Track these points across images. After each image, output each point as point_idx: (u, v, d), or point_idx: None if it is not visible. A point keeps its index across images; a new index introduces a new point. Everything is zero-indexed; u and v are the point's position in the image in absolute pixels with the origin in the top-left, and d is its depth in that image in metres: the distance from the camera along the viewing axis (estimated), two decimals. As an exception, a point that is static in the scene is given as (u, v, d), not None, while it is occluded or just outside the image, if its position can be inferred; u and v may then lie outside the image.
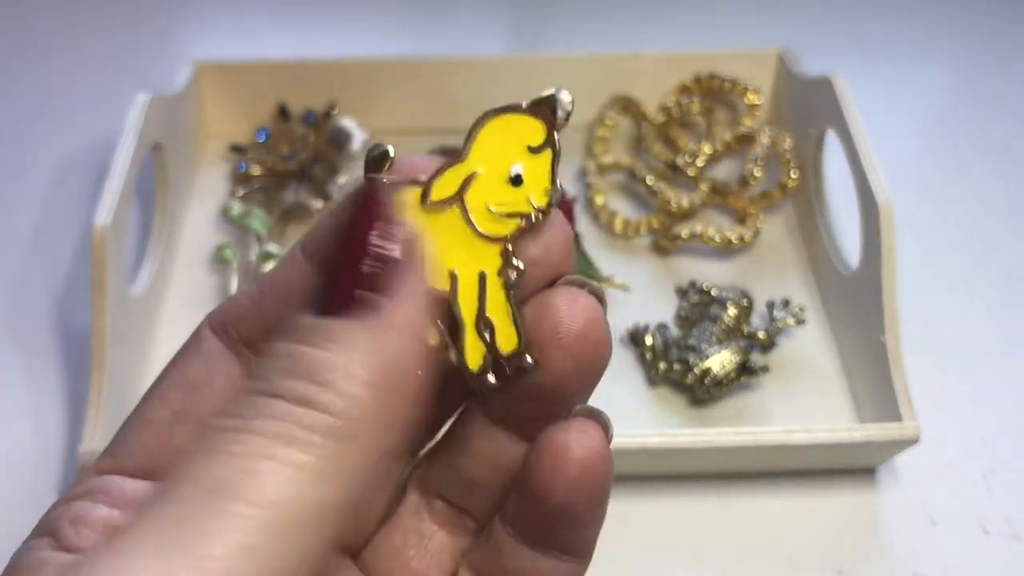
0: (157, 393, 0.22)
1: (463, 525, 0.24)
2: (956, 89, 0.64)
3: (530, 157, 0.20)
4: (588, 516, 0.22)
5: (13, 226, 0.53)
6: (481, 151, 0.21)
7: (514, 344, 0.21)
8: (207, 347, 0.22)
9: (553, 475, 0.21)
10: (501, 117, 0.21)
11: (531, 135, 0.20)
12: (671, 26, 0.67)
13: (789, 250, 0.52)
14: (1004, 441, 0.44)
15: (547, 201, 0.20)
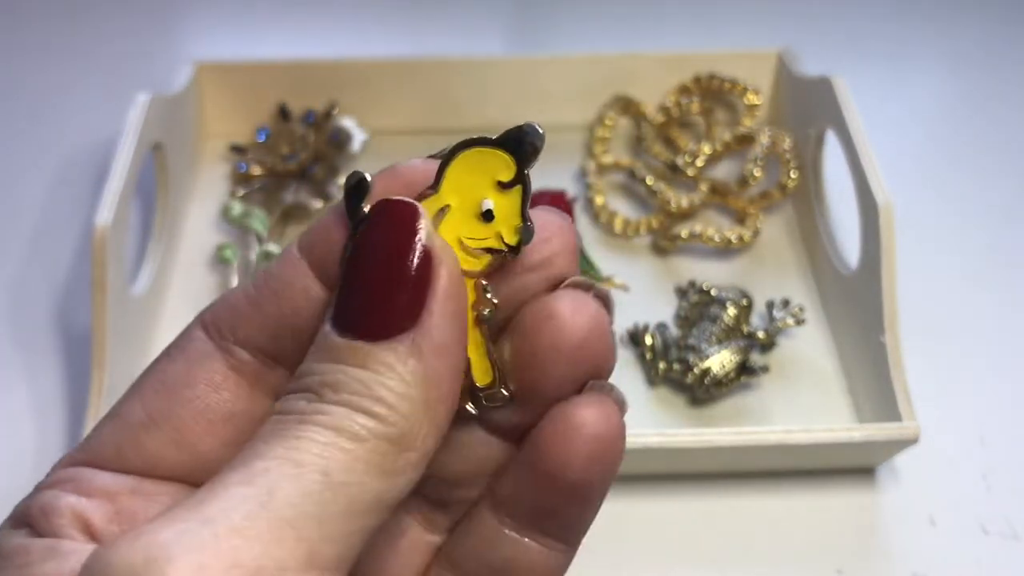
0: (136, 391, 0.22)
1: (436, 521, 0.23)
2: (956, 89, 0.64)
3: (500, 193, 0.20)
4: (597, 495, 0.21)
5: (14, 226, 0.53)
6: (453, 184, 0.20)
7: (488, 378, 0.20)
8: (193, 348, 0.22)
9: (568, 451, 0.20)
10: (471, 151, 0.20)
11: (501, 170, 0.20)
12: (671, 26, 0.67)
13: (789, 250, 0.52)
14: (1004, 441, 0.44)
15: (517, 239, 0.20)
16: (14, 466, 0.43)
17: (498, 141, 0.20)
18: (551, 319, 0.20)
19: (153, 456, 0.21)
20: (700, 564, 0.40)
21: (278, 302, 0.21)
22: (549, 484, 0.21)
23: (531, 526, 0.22)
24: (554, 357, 0.20)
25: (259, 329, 0.22)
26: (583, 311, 0.20)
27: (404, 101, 0.56)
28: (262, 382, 0.22)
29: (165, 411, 0.21)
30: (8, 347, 0.47)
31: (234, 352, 0.22)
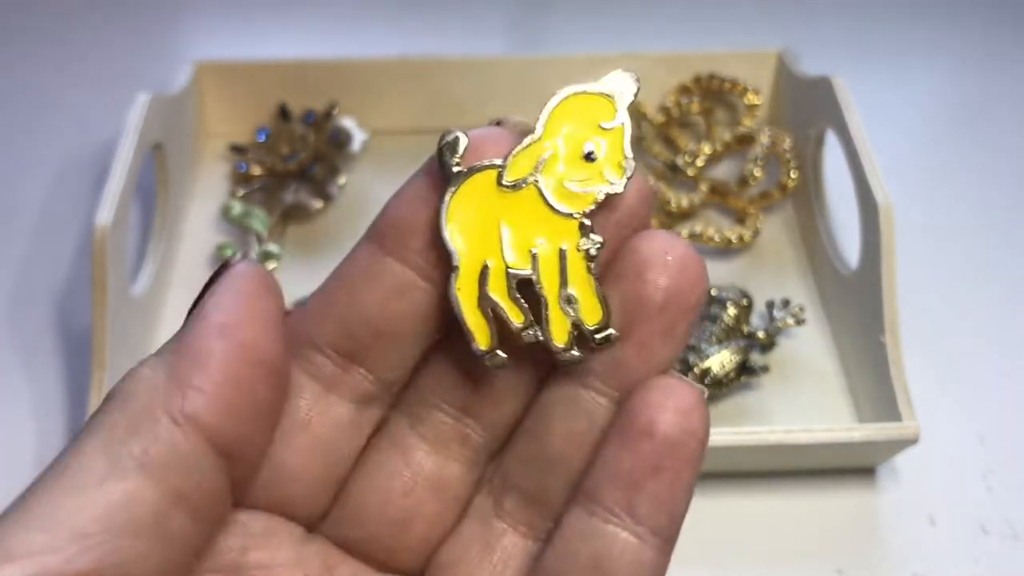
0: None
1: (538, 525, 0.22)
2: (956, 89, 0.64)
3: (602, 133, 0.21)
4: (687, 467, 0.21)
5: (14, 226, 0.53)
6: (554, 130, 0.21)
7: (599, 316, 0.21)
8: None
9: (662, 406, 0.21)
10: (572, 96, 0.21)
11: (602, 112, 0.21)
12: (671, 26, 0.67)
13: (789, 250, 0.52)
14: (1004, 441, 0.44)
15: (622, 173, 0.21)
16: (14, 466, 0.43)
17: (598, 89, 0.21)
18: (652, 240, 0.21)
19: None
20: (700, 564, 0.40)
21: (348, 292, 0.21)
22: (639, 445, 0.21)
23: (622, 507, 0.21)
24: (664, 277, 0.21)
25: (330, 325, 0.21)
26: (676, 240, 0.21)
27: (404, 101, 0.56)
28: (339, 385, 0.22)
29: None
30: (8, 347, 0.47)
31: (309, 357, 0.21)
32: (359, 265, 0.21)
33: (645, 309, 0.21)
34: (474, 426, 0.23)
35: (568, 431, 0.22)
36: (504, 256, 0.21)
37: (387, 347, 0.21)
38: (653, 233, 0.21)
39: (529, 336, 0.21)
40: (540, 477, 0.22)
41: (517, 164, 0.21)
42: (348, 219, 0.52)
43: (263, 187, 0.53)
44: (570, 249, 0.21)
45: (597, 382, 0.22)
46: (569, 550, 0.21)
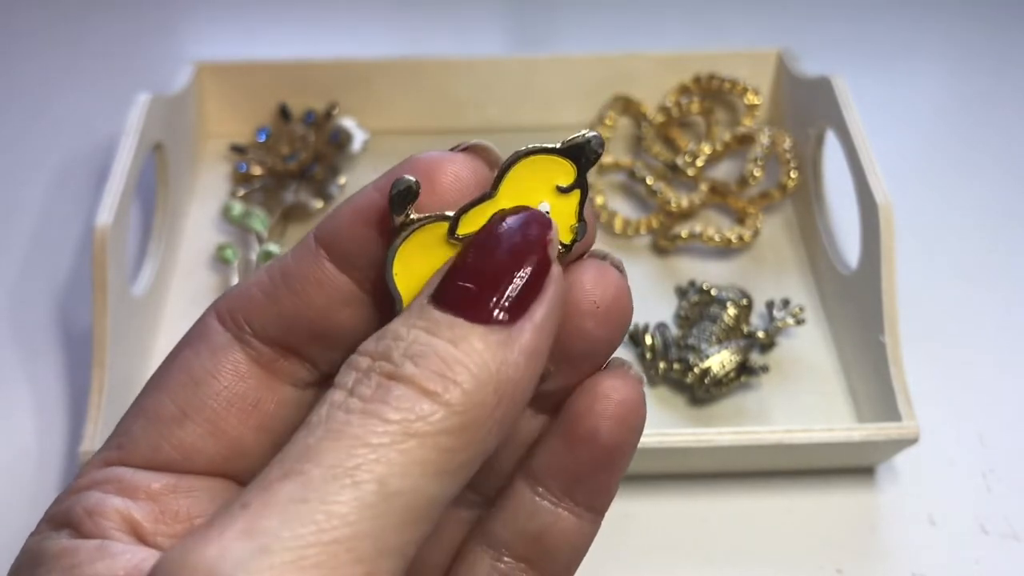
0: (162, 386, 0.22)
1: (465, 499, 0.24)
2: (955, 89, 0.64)
3: (557, 196, 0.21)
4: (623, 459, 0.23)
5: (14, 226, 0.53)
6: (511, 189, 0.21)
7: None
8: (214, 340, 0.22)
9: (598, 416, 0.22)
10: (533, 157, 0.21)
11: (560, 175, 0.21)
12: (671, 26, 0.67)
13: (788, 250, 0.52)
14: (1004, 440, 0.44)
15: (571, 238, 0.21)
16: (15, 466, 0.43)
17: (561, 149, 0.21)
18: (580, 284, 0.21)
19: (190, 449, 0.22)
20: (700, 564, 0.40)
21: (294, 294, 0.22)
22: (581, 449, 0.22)
23: (564, 494, 0.23)
24: (590, 317, 0.21)
25: (274, 321, 0.22)
26: (607, 275, 0.22)
27: (404, 101, 0.57)
28: (279, 371, 0.23)
29: (196, 403, 0.22)
30: (9, 347, 0.47)
31: (252, 344, 0.22)
32: (304, 267, 0.22)
33: (569, 354, 0.22)
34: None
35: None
36: None
37: (327, 348, 0.22)
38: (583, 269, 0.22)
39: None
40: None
41: (469, 220, 0.21)
42: (348, 219, 0.52)
43: (263, 187, 0.53)
44: None
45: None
46: (517, 524, 0.23)
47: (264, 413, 0.22)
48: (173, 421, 0.22)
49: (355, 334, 0.22)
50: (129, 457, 0.22)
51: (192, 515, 0.21)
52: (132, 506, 0.21)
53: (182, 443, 0.22)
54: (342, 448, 0.18)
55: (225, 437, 0.22)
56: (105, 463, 0.22)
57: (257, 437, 0.22)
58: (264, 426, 0.22)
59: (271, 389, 0.22)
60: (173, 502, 0.21)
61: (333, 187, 0.52)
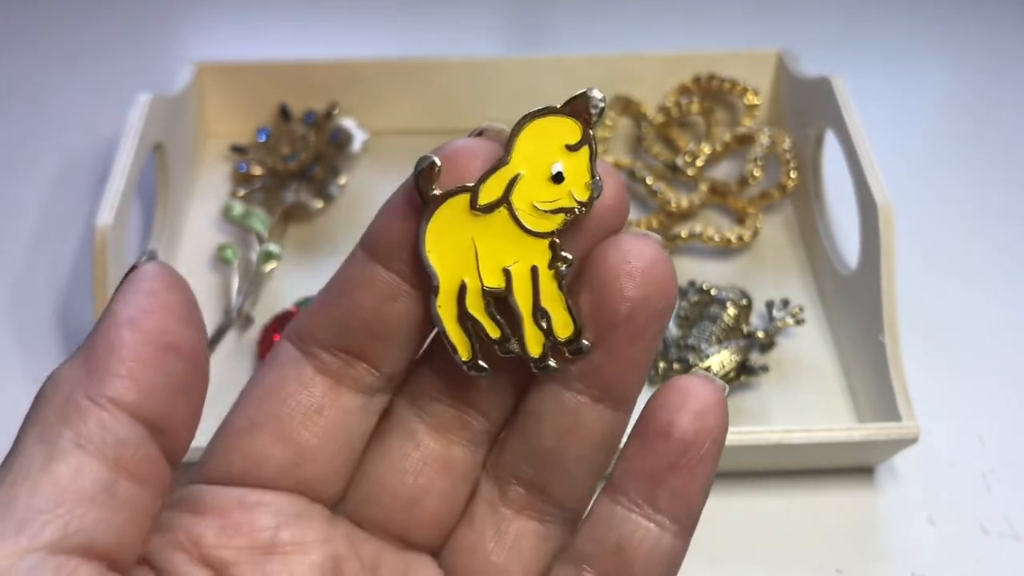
0: (238, 404, 0.24)
1: (542, 509, 0.25)
2: (955, 89, 0.64)
3: (568, 155, 0.22)
4: (704, 464, 0.23)
5: (15, 226, 0.53)
6: (522, 153, 0.22)
7: (570, 330, 0.22)
8: (282, 358, 0.24)
9: (679, 409, 0.22)
10: (538, 120, 0.22)
11: (568, 134, 0.22)
12: (670, 27, 0.67)
13: (788, 250, 0.52)
14: (1003, 440, 0.44)
15: (589, 194, 0.22)
16: (15, 466, 0.43)
17: (563, 108, 0.22)
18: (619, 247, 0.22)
19: (259, 456, 0.23)
20: (700, 564, 0.40)
21: (347, 298, 0.23)
22: (657, 444, 0.22)
23: (644, 499, 0.23)
24: (626, 277, 0.22)
25: (333, 327, 0.23)
26: (646, 242, 0.22)
27: (404, 101, 0.57)
28: (346, 378, 0.24)
29: (264, 414, 0.23)
30: (9, 347, 0.47)
31: (317, 355, 0.24)
32: (353, 272, 0.23)
33: (612, 318, 0.22)
34: (473, 414, 0.25)
35: (556, 427, 0.24)
36: (480, 275, 0.22)
37: (384, 345, 0.23)
38: (620, 239, 0.22)
39: (506, 349, 0.23)
40: (537, 469, 0.24)
41: (488, 188, 0.22)
42: (348, 219, 0.52)
43: (264, 187, 0.53)
44: (541, 268, 0.22)
45: (578, 383, 0.23)
46: (596, 535, 0.23)
47: (329, 419, 0.23)
48: (243, 432, 0.23)
49: (408, 328, 0.23)
50: (207, 472, 0.24)
51: (255, 528, 0.23)
52: (198, 522, 0.22)
53: (251, 451, 0.23)
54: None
55: (292, 444, 0.23)
56: (189, 481, 0.24)
57: (323, 443, 0.23)
58: (330, 432, 0.23)
59: (336, 396, 0.24)
60: (237, 516, 0.23)
61: (333, 187, 0.52)
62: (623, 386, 0.23)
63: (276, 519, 0.23)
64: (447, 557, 0.25)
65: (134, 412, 0.20)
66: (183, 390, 0.21)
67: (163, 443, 0.21)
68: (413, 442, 0.25)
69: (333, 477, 0.24)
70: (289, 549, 0.23)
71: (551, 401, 0.24)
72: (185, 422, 0.21)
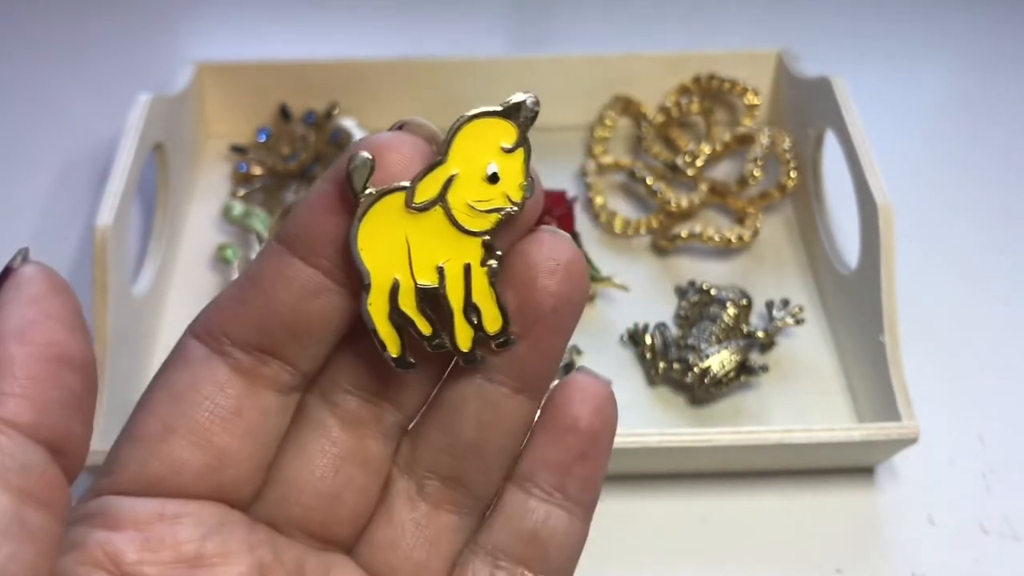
0: (145, 408, 0.23)
1: (459, 502, 0.25)
2: (955, 90, 0.64)
3: (504, 156, 0.22)
4: (603, 450, 0.24)
5: (15, 226, 0.53)
6: (459, 153, 0.22)
7: (499, 324, 0.23)
8: (192, 356, 0.23)
9: (582, 404, 0.24)
10: (475, 121, 0.22)
11: (504, 136, 0.22)
12: (670, 27, 0.67)
13: (788, 250, 0.52)
14: (1003, 440, 0.44)
15: (522, 195, 0.22)
16: (15, 466, 0.43)
17: (500, 111, 0.22)
18: (538, 246, 0.23)
19: (176, 462, 0.22)
20: (700, 563, 0.40)
21: (263, 294, 0.22)
22: (566, 437, 0.24)
23: (555, 488, 0.24)
24: (551, 274, 0.23)
25: (249, 325, 0.22)
26: (563, 240, 0.23)
27: (404, 101, 0.57)
28: (261, 377, 0.23)
29: (178, 417, 0.22)
30: (9, 347, 0.47)
31: (230, 353, 0.23)
32: (271, 267, 0.22)
33: (538, 312, 0.23)
34: (386, 406, 0.24)
35: (478, 419, 0.24)
36: (412, 273, 0.22)
37: (303, 344, 0.23)
38: (540, 236, 0.23)
39: (436, 345, 0.23)
40: (457, 462, 0.24)
41: (424, 187, 0.22)
42: (348, 219, 0.52)
43: (264, 187, 0.53)
44: (474, 265, 0.23)
45: (500, 375, 0.24)
46: (510, 525, 0.24)
47: (248, 420, 0.23)
48: (157, 437, 0.22)
49: (328, 325, 0.23)
50: (119, 482, 0.22)
51: (179, 541, 0.22)
52: (116, 538, 0.21)
53: (168, 457, 0.22)
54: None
55: (211, 447, 0.22)
56: (97, 493, 0.22)
57: (243, 444, 0.23)
58: (249, 433, 0.23)
59: (253, 396, 0.23)
60: (159, 530, 0.22)
61: (333, 187, 0.52)
62: (541, 377, 0.24)
63: (199, 530, 0.22)
64: (367, 554, 0.25)
65: (32, 433, 0.19)
66: (78, 403, 0.20)
67: (62, 462, 0.20)
68: (328, 438, 0.24)
69: (250, 479, 0.23)
70: (215, 561, 0.22)
71: (473, 394, 0.24)
72: (80, 437, 0.20)
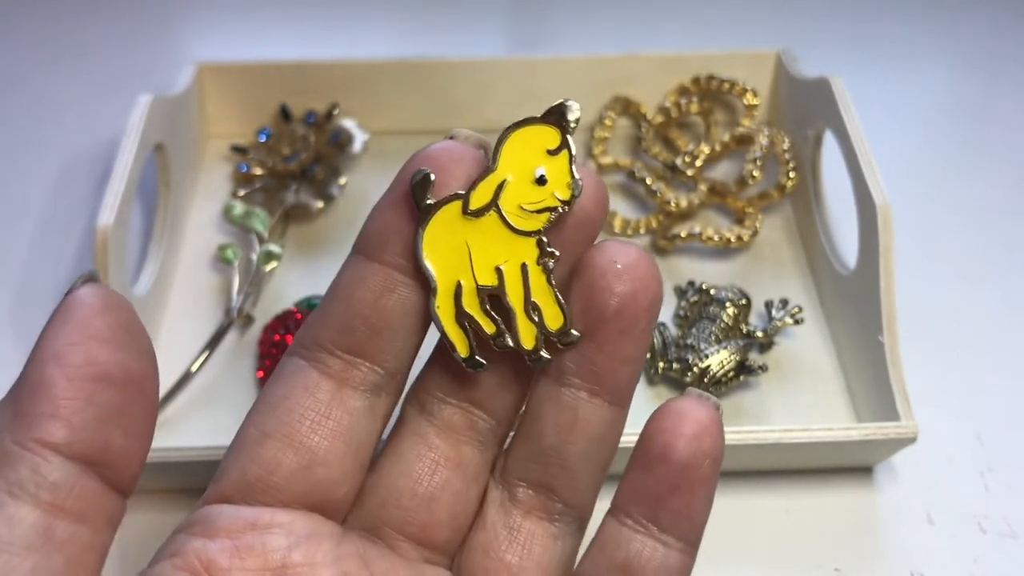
0: (247, 420, 0.25)
1: (550, 508, 0.25)
2: (953, 90, 0.64)
3: (550, 159, 0.23)
4: (703, 482, 0.24)
5: (16, 227, 0.53)
6: (508, 160, 0.23)
7: (560, 321, 0.24)
8: (287, 369, 0.25)
9: (672, 433, 0.24)
10: (520, 130, 0.24)
11: (548, 140, 0.24)
12: (670, 27, 0.67)
13: (787, 250, 0.52)
14: (1002, 439, 0.44)
15: (570, 193, 0.23)
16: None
17: (543, 117, 0.24)
18: (605, 249, 0.24)
19: (270, 463, 0.24)
20: (700, 563, 0.40)
21: (343, 296, 0.24)
22: (657, 468, 0.24)
23: (648, 519, 0.24)
24: (614, 276, 0.23)
25: (333, 326, 0.24)
26: (628, 246, 0.24)
27: (405, 102, 0.57)
28: (350, 379, 0.24)
29: (273, 423, 0.24)
30: (11, 348, 0.47)
31: (321, 359, 0.24)
32: (349, 274, 0.24)
33: (602, 314, 0.24)
34: (479, 413, 0.25)
35: (556, 424, 0.25)
36: (474, 275, 0.24)
37: (385, 339, 0.24)
38: (605, 244, 0.24)
39: (501, 343, 0.24)
40: (542, 467, 0.25)
41: (478, 194, 0.23)
42: (348, 219, 0.53)
43: (264, 187, 0.53)
44: (531, 264, 0.24)
45: (574, 379, 0.24)
46: (604, 556, 0.25)
47: (336, 421, 0.24)
48: (255, 442, 0.24)
49: (406, 319, 0.24)
50: (223, 489, 0.24)
51: (267, 550, 0.23)
52: (211, 546, 0.23)
53: (263, 459, 0.24)
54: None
55: (302, 448, 0.24)
56: (205, 502, 0.24)
57: (333, 444, 0.24)
58: (338, 433, 0.24)
59: (341, 399, 0.24)
60: (250, 538, 0.23)
61: (334, 187, 0.53)
62: (616, 380, 0.24)
63: (288, 540, 0.23)
64: (461, 559, 0.26)
65: (66, 451, 0.20)
66: (120, 418, 0.20)
67: (104, 474, 0.20)
68: (425, 444, 0.25)
69: (343, 479, 0.24)
70: (300, 571, 0.23)
71: (549, 399, 0.25)
72: (125, 448, 0.21)
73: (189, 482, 0.39)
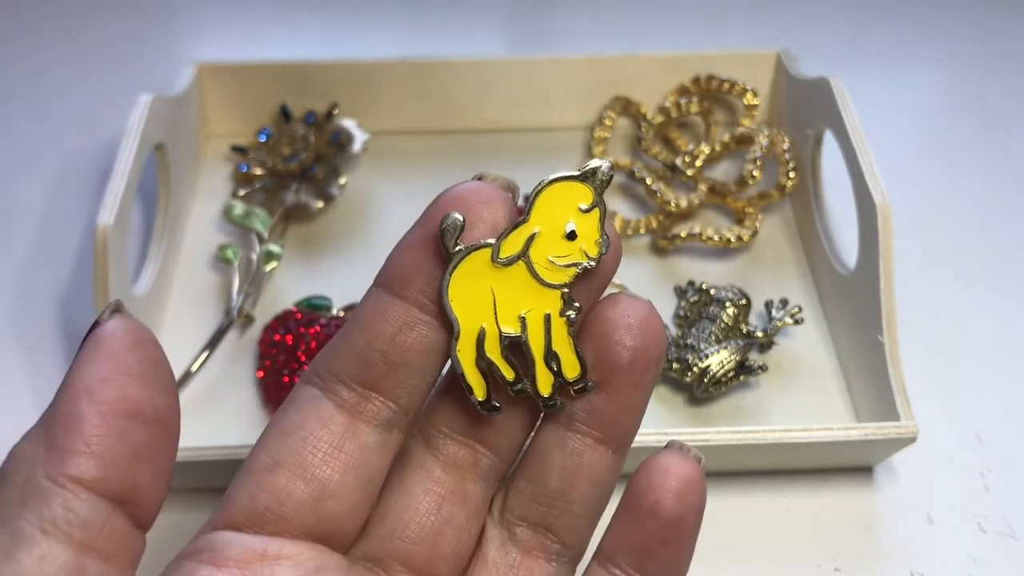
0: (258, 446, 0.24)
1: (549, 548, 0.26)
2: (953, 90, 0.64)
3: (581, 216, 0.24)
4: (688, 533, 0.25)
5: (16, 226, 0.53)
6: (540, 213, 0.24)
7: (577, 371, 0.25)
8: (301, 397, 0.25)
9: (659, 489, 0.24)
10: (555, 184, 0.24)
11: (581, 197, 0.24)
12: (670, 27, 0.67)
13: (787, 250, 0.52)
14: (1001, 439, 0.44)
15: (598, 251, 0.24)
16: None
17: (578, 176, 0.24)
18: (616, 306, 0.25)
19: (281, 492, 0.24)
20: (699, 563, 0.40)
21: (363, 329, 0.24)
22: (646, 522, 0.25)
23: (634, 568, 0.25)
24: (625, 330, 0.24)
25: (351, 359, 0.24)
26: (637, 301, 0.25)
27: (404, 102, 0.57)
28: (363, 413, 0.24)
29: (285, 452, 0.24)
30: (11, 348, 0.47)
31: (336, 391, 0.24)
32: (370, 308, 0.24)
33: (615, 365, 0.24)
34: (484, 451, 0.26)
35: (563, 469, 0.25)
36: (497, 322, 0.24)
37: (401, 376, 0.24)
38: (617, 298, 0.25)
39: (519, 390, 0.25)
40: (545, 508, 0.26)
41: (509, 243, 0.24)
42: (348, 219, 0.53)
43: (264, 187, 0.53)
44: (554, 316, 0.24)
45: (581, 426, 0.25)
46: None
47: (349, 455, 0.24)
48: (266, 471, 0.24)
49: (424, 357, 0.24)
50: (231, 515, 0.24)
51: None
52: (219, 574, 0.23)
53: (273, 488, 0.24)
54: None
55: (313, 479, 0.24)
56: (212, 527, 0.24)
57: (344, 478, 0.24)
58: (350, 467, 0.24)
59: (354, 432, 0.24)
60: (258, 569, 0.23)
61: (334, 187, 0.53)
62: (621, 428, 0.25)
63: (296, 571, 0.23)
64: None
65: (98, 489, 0.20)
66: (148, 456, 0.21)
67: (131, 512, 0.21)
68: (431, 478, 0.26)
69: (352, 513, 0.25)
70: None
71: (557, 444, 0.25)
72: (152, 486, 0.21)
73: (189, 482, 0.39)
